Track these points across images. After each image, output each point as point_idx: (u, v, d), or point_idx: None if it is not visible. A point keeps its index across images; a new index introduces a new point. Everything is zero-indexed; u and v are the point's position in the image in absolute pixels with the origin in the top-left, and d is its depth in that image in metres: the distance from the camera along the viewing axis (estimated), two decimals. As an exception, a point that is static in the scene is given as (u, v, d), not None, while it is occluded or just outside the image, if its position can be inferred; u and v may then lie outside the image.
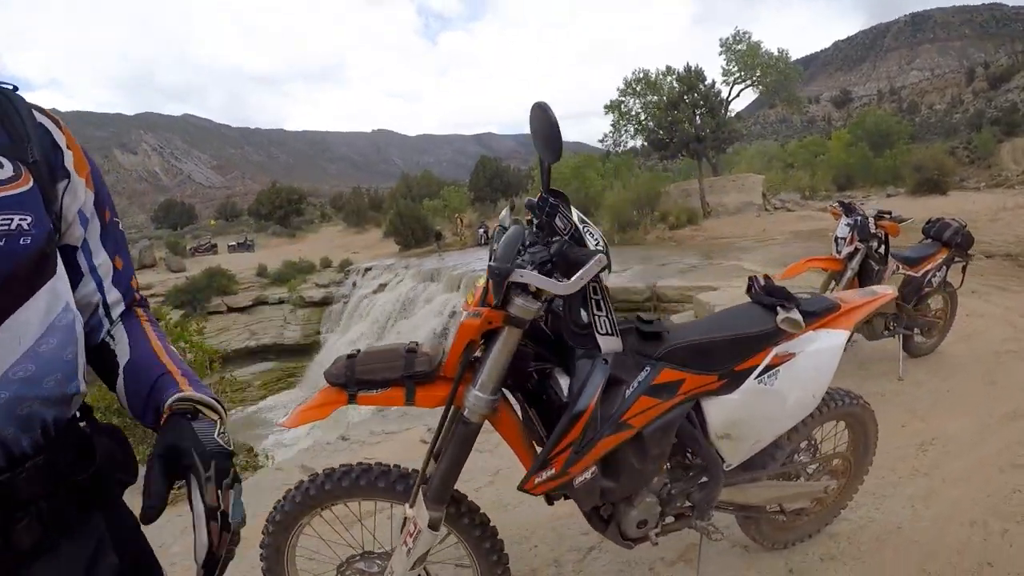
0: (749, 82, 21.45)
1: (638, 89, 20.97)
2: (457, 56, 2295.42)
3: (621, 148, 22.60)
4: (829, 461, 2.12)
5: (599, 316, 1.38)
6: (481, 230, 24.63)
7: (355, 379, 1.41)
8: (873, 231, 3.94)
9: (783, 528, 2.15)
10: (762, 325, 1.68)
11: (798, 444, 1.98)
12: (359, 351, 1.48)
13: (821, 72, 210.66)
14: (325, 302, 25.86)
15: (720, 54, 21.56)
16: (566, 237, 1.37)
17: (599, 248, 1.32)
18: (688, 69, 19.29)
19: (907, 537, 2.26)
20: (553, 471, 1.45)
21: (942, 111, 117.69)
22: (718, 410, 1.62)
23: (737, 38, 21.23)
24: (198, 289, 24.79)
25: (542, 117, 1.32)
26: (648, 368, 1.49)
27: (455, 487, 1.52)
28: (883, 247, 4.01)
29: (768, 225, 16.89)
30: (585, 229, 1.35)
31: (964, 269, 4.36)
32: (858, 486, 2.25)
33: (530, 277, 1.27)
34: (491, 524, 1.66)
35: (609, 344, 1.41)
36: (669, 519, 1.74)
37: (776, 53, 21.17)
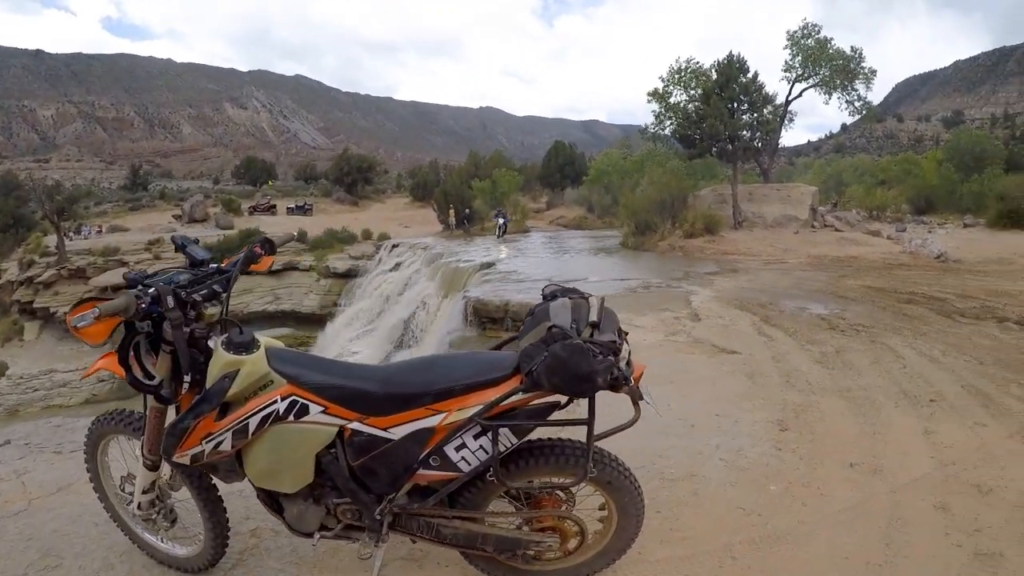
0: (813, 81, 18.79)
1: (684, 79, 18.90)
2: (572, 40, 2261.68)
3: (659, 142, 20.57)
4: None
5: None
6: (501, 219, 22.59)
7: None
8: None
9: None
10: None
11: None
12: None
13: (938, 92, 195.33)
14: (350, 274, 25.57)
15: (784, 47, 19.04)
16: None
17: None
18: (730, 57, 16.95)
19: None
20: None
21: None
22: None
23: (805, 31, 18.59)
24: (229, 249, 25.07)
25: None
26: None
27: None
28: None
29: (797, 245, 14.73)
30: None
31: (592, 439, 1.67)
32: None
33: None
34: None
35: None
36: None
37: (849, 52, 18.35)
